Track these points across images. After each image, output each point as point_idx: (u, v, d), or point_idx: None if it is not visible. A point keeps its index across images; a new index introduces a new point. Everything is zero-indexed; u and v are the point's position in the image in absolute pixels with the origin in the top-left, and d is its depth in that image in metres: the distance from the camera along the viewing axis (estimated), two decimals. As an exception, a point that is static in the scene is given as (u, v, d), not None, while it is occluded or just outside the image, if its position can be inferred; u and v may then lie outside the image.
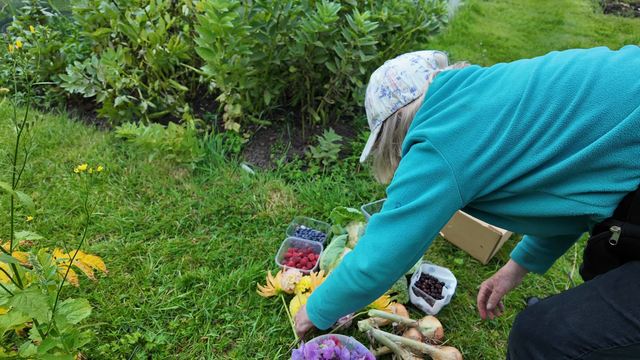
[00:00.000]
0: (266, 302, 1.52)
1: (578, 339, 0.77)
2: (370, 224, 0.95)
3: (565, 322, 0.80)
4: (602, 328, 0.75)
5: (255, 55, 2.10)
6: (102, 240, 1.78)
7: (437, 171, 0.83)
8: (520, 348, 0.88)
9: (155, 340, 1.32)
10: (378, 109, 1.04)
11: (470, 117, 0.82)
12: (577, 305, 0.80)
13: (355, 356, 1.11)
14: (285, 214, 1.96)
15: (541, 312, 0.86)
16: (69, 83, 2.22)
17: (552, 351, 0.81)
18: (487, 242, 1.66)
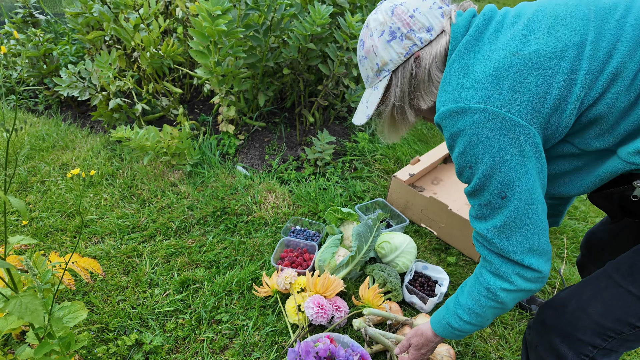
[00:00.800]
0: (262, 302, 1.54)
1: (602, 327, 0.80)
2: (493, 239, 0.82)
3: (588, 312, 0.82)
4: (624, 314, 0.78)
5: (249, 58, 2.11)
6: (98, 243, 1.78)
7: (518, 134, 0.73)
8: (543, 343, 0.90)
9: (152, 342, 1.34)
10: (386, 56, 0.88)
11: (530, 65, 0.72)
12: (596, 295, 0.82)
13: (349, 354, 1.13)
14: (281, 214, 1.98)
15: (561, 305, 0.88)
16: (63, 86, 2.22)
17: (576, 342, 0.83)
18: None
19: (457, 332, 0.97)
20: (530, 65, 0.72)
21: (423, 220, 1.91)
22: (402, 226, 1.80)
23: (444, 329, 0.99)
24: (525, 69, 0.72)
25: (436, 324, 1.02)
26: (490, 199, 0.79)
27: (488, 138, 0.74)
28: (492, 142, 0.74)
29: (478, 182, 0.79)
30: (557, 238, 1.94)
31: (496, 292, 0.85)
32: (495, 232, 0.81)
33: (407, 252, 1.63)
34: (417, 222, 1.94)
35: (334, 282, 1.47)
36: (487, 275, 0.87)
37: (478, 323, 0.93)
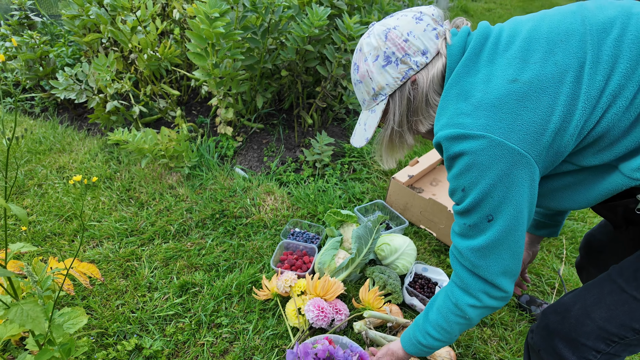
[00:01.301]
0: (262, 305, 1.54)
1: (606, 332, 0.81)
2: (470, 257, 0.84)
3: (592, 317, 0.83)
4: (628, 319, 0.79)
5: (247, 60, 2.11)
6: (97, 247, 1.78)
7: (516, 163, 0.73)
8: (546, 347, 0.91)
9: (152, 346, 1.33)
10: (382, 80, 0.88)
11: (530, 92, 0.71)
12: (600, 300, 0.83)
13: (348, 354, 1.13)
14: (280, 217, 1.98)
15: (565, 310, 0.89)
16: (60, 89, 2.21)
17: (580, 347, 0.84)
18: None
19: (426, 349, 1.01)
20: (530, 92, 0.71)
21: (422, 222, 1.91)
22: (402, 228, 1.80)
23: (414, 346, 1.02)
24: (525, 96, 0.72)
25: (406, 342, 1.05)
26: (477, 221, 0.81)
27: (485, 164, 0.74)
28: (488, 169, 0.74)
29: (469, 205, 0.80)
30: (556, 239, 1.95)
31: (464, 308, 0.89)
32: (474, 251, 0.83)
33: (406, 254, 1.63)
34: (417, 223, 1.94)
35: (334, 284, 1.47)
36: (456, 291, 0.90)
37: (446, 339, 0.96)
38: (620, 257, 0.95)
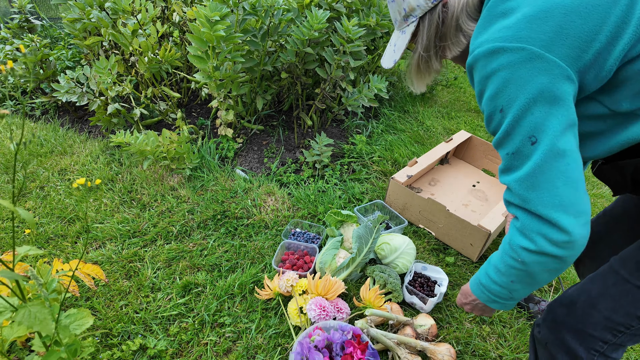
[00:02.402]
0: (264, 304, 1.56)
1: (612, 322, 0.83)
2: (519, 191, 0.75)
3: (597, 308, 0.85)
4: (633, 308, 0.81)
5: (247, 62, 2.13)
6: (99, 248, 1.79)
7: (557, 77, 0.69)
8: (554, 340, 0.92)
9: (156, 346, 1.35)
10: (413, 1, 0.86)
11: (580, 8, 0.67)
12: (605, 292, 0.85)
13: (342, 334, 1.16)
14: (281, 217, 2.00)
15: (571, 302, 0.90)
16: (62, 92, 2.22)
17: (587, 338, 0.86)
18: (476, 240, 1.71)
19: (486, 291, 0.91)
20: (580, 8, 0.67)
21: (421, 222, 1.93)
22: (401, 227, 1.82)
23: (477, 286, 0.94)
24: (574, 11, 0.67)
25: (472, 280, 0.97)
26: (519, 145, 0.74)
27: (524, 78, 0.69)
28: (527, 83, 0.69)
29: (508, 126, 0.74)
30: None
31: (517, 250, 0.79)
32: (522, 182, 0.75)
33: (406, 253, 1.65)
34: (416, 223, 1.96)
35: (335, 284, 1.49)
36: (512, 231, 0.81)
37: (504, 285, 0.86)
38: (614, 246, 0.99)
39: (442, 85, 3.29)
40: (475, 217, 1.96)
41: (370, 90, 2.17)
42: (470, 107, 3.10)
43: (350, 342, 1.19)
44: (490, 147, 2.28)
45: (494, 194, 2.17)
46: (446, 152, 2.20)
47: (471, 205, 2.07)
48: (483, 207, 2.06)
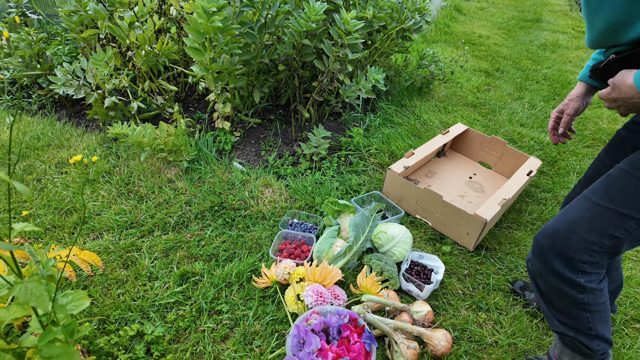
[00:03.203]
0: (261, 292, 1.56)
1: (588, 242, 0.96)
2: None
3: (577, 232, 0.98)
4: (605, 228, 0.94)
5: (244, 54, 2.13)
6: (97, 239, 1.79)
7: None
8: (545, 268, 1.05)
9: (154, 332, 1.35)
10: None
11: None
12: (581, 217, 0.98)
13: (338, 318, 1.16)
14: (278, 208, 2.00)
15: (554, 231, 1.03)
16: (58, 84, 2.22)
17: (570, 260, 1.00)
18: (472, 230, 1.72)
19: None
20: None
21: (418, 212, 1.94)
22: (398, 217, 1.83)
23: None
24: None
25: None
26: None
27: None
28: None
29: None
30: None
31: None
32: None
33: (403, 242, 1.66)
34: (412, 213, 1.97)
35: (332, 271, 1.50)
36: None
37: None
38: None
39: (439, 80, 3.30)
40: (471, 208, 1.97)
41: (368, 82, 2.18)
42: (467, 101, 3.12)
43: (347, 325, 1.19)
44: (486, 139, 2.30)
45: (491, 185, 2.18)
46: (443, 144, 2.21)
47: (467, 197, 2.08)
48: (479, 198, 2.08)
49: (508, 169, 2.25)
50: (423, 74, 3.05)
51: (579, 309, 1.06)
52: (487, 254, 1.79)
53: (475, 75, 3.57)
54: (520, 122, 2.89)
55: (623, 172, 0.95)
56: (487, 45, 4.29)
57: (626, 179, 0.93)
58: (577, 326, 1.10)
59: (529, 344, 1.44)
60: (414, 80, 3.05)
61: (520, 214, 2.06)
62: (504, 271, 1.73)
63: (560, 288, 1.05)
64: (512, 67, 3.84)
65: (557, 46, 4.53)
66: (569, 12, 5.98)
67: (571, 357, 1.20)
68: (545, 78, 3.66)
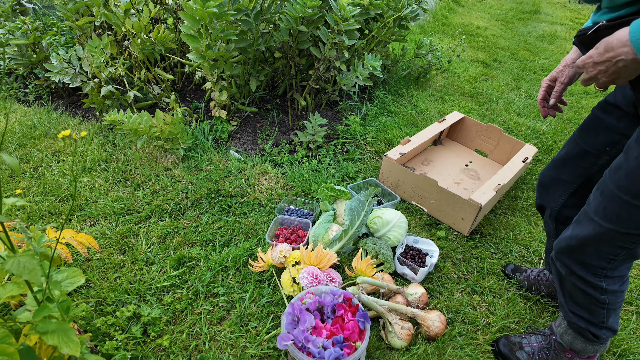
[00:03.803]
0: (258, 276, 1.57)
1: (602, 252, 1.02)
2: None
3: (590, 246, 1.03)
4: (613, 242, 0.99)
5: (240, 42, 2.13)
6: (94, 225, 1.80)
7: None
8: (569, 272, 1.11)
9: (150, 314, 1.36)
10: None
11: None
12: (589, 236, 1.02)
13: (333, 298, 1.17)
14: (275, 195, 2.01)
15: (568, 245, 1.08)
16: (54, 72, 2.22)
17: (589, 266, 1.06)
18: (467, 215, 1.73)
19: None
20: None
21: (414, 198, 1.95)
22: (393, 203, 1.84)
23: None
24: None
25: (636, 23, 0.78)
26: None
27: None
28: None
29: None
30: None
31: None
32: None
33: (398, 227, 1.67)
34: (408, 199, 1.98)
35: (327, 254, 1.51)
36: None
37: None
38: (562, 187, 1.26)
39: (436, 70, 3.30)
40: (466, 194, 1.98)
41: (365, 69, 2.18)
42: (464, 91, 3.12)
43: (341, 305, 1.21)
44: (482, 127, 2.30)
45: (486, 173, 2.19)
46: (439, 131, 2.21)
47: (463, 184, 2.09)
48: (475, 185, 2.09)
49: (504, 156, 2.25)
50: (420, 63, 3.05)
51: (598, 307, 1.10)
52: (482, 239, 1.80)
53: (473, 66, 3.57)
54: (517, 112, 2.89)
55: (611, 192, 0.95)
56: (485, 36, 4.28)
57: (617, 201, 0.94)
58: (592, 320, 1.13)
59: (522, 325, 1.46)
60: (411, 70, 3.05)
61: (515, 200, 2.07)
62: (498, 255, 1.74)
63: (583, 289, 1.09)
64: (510, 58, 3.84)
65: (555, 37, 4.52)
66: (568, 3, 5.97)
67: (573, 338, 1.22)
68: (542, 69, 3.66)
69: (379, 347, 1.33)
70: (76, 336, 0.98)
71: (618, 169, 0.94)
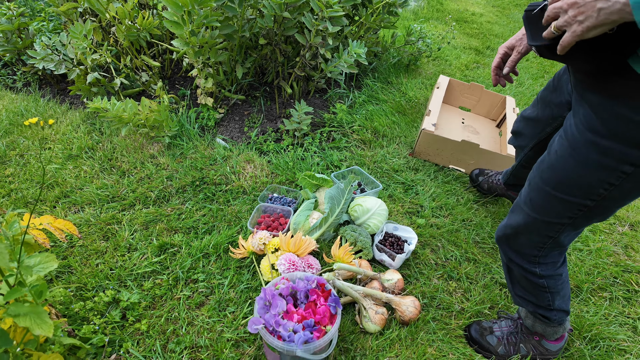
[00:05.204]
0: (238, 263, 1.59)
1: (532, 241, 1.10)
2: None
3: (522, 235, 1.11)
4: (540, 231, 1.05)
5: (225, 28, 2.11)
6: (78, 212, 1.81)
7: None
8: (506, 259, 1.19)
9: (130, 299, 1.39)
10: None
11: None
12: (520, 225, 1.09)
13: (306, 283, 1.19)
14: (259, 183, 2.02)
15: (504, 235, 1.16)
16: (38, 59, 2.21)
17: (523, 255, 1.13)
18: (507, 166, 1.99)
19: None
20: None
21: (452, 162, 2.18)
22: (376, 191, 1.85)
23: None
24: None
25: None
26: None
27: None
28: None
29: None
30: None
31: None
32: None
33: (378, 214, 1.68)
34: (446, 164, 2.20)
35: (306, 241, 1.52)
36: None
37: None
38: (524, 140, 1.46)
39: (427, 57, 3.28)
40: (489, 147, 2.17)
41: (350, 56, 2.16)
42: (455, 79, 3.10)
43: (314, 290, 1.23)
44: (466, 86, 2.58)
45: (480, 126, 2.49)
46: (442, 96, 2.43)
47: (471, 139, 2.27)
48: (480, 139, 2.36)
49: (485, 109, 2.59)
50: (410, 50, 3.02)
51: (540, 290, 1.16)
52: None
53: (465, 53, 3.54)
54: (507, 100, 2.88)
55: (535, 183, 1.03)
56: (480, 22, 4.23)
57: (541, 192, 1.01)
58: (539, 303, 1.19)
59: (496, 311, 1.48)
60: (401, 57, 3.03)
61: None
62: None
63: (523, 274, 1.16)
64: (504, 45, 3.80)
65: (551, 24, 4.47)
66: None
67: (533, 321, 1.26)
68: (535, 56, 3.62)
69: (354, 332, 1.36)
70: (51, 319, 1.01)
71: (542, 162, 1.01)
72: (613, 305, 1.54)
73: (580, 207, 0.95)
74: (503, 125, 2.43)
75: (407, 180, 2.07)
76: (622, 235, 1.89)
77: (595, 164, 0.87)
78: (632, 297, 1.58)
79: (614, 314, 1.50)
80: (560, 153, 0.94)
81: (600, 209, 0.94)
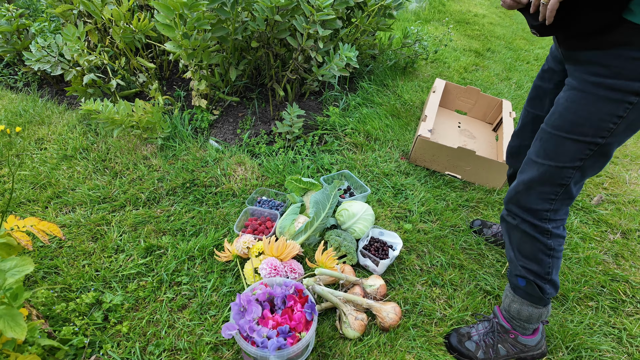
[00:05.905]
0: (223, 266, 1.60)
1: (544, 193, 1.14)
2: None
3: (534, 188, 1.15)
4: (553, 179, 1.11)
5: (217, 31, 2.12)
6: (69, 213, 1.84)
7: None
8: (519, 220, 1.20)
9: (112, 301, 1.40)
10: None
11: None
12: (532, 177, 1.14)
13: (284, 289, 1.20)
14: (249, 186, 2.03)
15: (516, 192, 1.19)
16: (33, 60, 2.24)
17: (535, 211, 1.17)
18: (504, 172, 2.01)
19: None
20: None
21: (448, 168, 2.16)
22: (364, 195, 1.85)
23: None
24: None
25: None
26: None
27: None
28: None
29: None
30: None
31: None
32: None
33: (364, 219, 1.68)
34: (442, 170, 2.18)
35: (289, 246, 1.53)
36: None
37: None
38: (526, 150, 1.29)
39: (425, 59, 3.25)
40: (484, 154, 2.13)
41: (341, 60, 2.16)
42: (453, 82, 3.08)
43: (291, 296, 1.23)
44: (462, 89, 2.54)
45: (476, 130, 2.48)
46: (439, 100, 2.42)
47: (468, 145, 2.26)
48: (476, 144, 2.33)
49: (481, 112, 2.59)
50: (407, 52, 3.01)
51: (544, 254, 1.20)
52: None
53: (465, 55, 3.51)
54: (505, 103, 2.86)
55: (547, 134, 1.10)
56: (482, 24, 4.19)
57: (553, 139, 1.08)
58: (539, 271, 1.22)
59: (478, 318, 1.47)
60: (398, 60, 3.01)
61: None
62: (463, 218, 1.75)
63: (532, 234, 1.19)
64: (504, 47, 3.76)
65: (555, 26, 4.41)
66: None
67: (520, 304, 1.28)
68: (536, 58, 3.58)
69: (333, 337, 1.36)
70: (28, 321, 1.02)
71: (551, 115, 1.09)
72: (599, 314, 1.52)
73: (591, 147, 1.02)
74: (499, 129, 2.41)
75: (397, 184, 2.06)
76: (612, 243, 1.86)
77: (603, 99, 0.97)
78: (619, 307, 1.56)
79: (598, 324, 1.48)
80: (570, 100, 1.03)
81: (606, 147, 1.03)
